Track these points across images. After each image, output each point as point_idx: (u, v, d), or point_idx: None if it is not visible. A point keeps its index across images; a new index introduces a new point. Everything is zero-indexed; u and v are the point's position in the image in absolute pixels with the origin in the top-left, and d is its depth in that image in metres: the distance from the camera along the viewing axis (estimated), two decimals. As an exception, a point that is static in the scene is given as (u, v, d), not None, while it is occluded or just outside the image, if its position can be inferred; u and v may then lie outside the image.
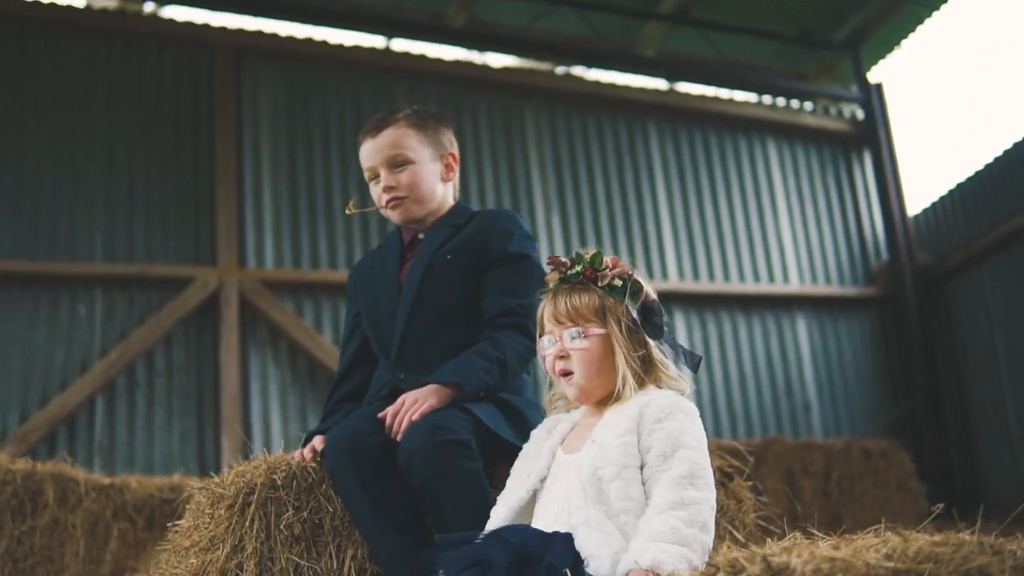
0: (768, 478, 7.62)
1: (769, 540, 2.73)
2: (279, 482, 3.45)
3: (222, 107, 9.49)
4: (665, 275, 10.67)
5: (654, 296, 3.33)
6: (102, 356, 8.67)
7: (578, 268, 3.30)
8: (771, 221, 11.28)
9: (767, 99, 11.89)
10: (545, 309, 3.35)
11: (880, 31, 11.59)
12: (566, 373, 3.28)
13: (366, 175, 3.89)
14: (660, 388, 3.22)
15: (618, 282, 3.25)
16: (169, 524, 3.87)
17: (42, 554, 5.76)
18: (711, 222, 11.05)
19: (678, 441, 3.04)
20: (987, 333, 10.54)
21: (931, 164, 15.56)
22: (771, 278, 11.05)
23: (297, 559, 3.40)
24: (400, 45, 10.49)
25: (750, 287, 10.79)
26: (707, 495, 2.97)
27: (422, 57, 10.44)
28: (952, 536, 2.23)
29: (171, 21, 9.64)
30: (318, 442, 3.65)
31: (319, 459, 3.56)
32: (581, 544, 2.94)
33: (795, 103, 11.98)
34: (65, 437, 8.43)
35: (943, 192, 11.35)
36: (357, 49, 10.22)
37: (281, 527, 3.40)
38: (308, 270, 9.43)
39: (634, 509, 2.98)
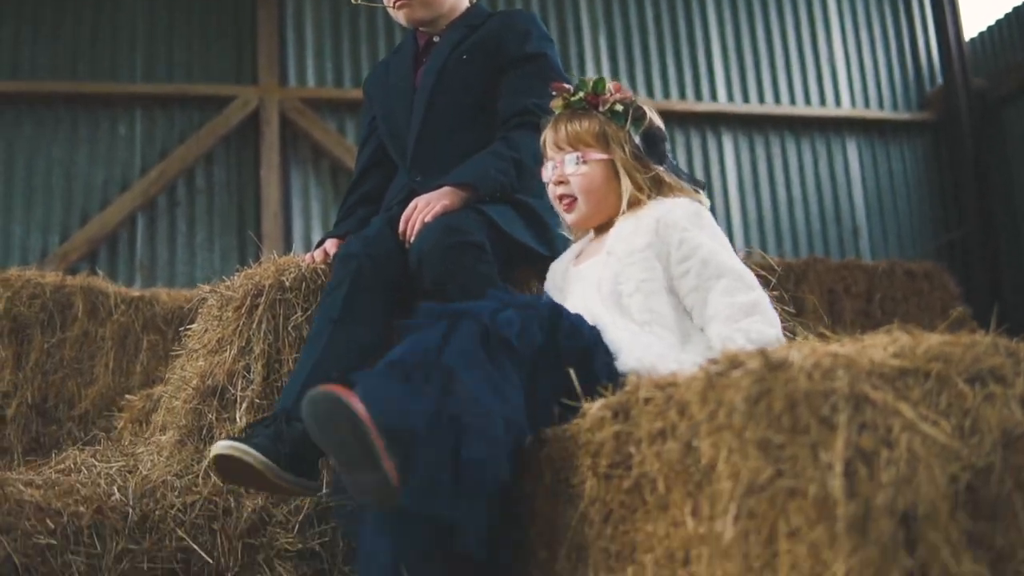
0: (808, 297, 7.48)
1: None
2: (288, 284, 3.41)
3: (263, -77, 9.27)
4: (714, 96, 10.44)
5: (659, 123, 3.29)
6: (142, 175, 8.66)
7: (580, 94, 3.25)
8: (824, 42, 10.95)
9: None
10: (547, 136, 3.31)
11: None
12: (565, 199, 3.22)
13: None
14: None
15: (620, 107, 3.22)
16: (182, 329, 3.85)
17: (72, 367, 5.79)
18: (762, 42, 10.75)
19: (711, 248, 2.98)
20: (1043, 159, 10.30)
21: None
22: (822, 101, 10.79)
23: (305, 360, 3.36)
24: None
25: (800, 109, 10.55)
26: (763, 295, 2.93)
27: None
28: (965, 336, 2.12)
29: None
30: (330, 245, 3.59)
31: (329, 262, 3.49)
32: (610, 340, 2.89)
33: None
34: (106, 256, 8.46)
35: (1000, 15, 10.96)
36: None
37: (289, 329, 3.36)
38: (350, 88, 9.29)
39: (658, 320, 2.93)
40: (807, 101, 10.72)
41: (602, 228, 3.28)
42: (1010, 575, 1.86)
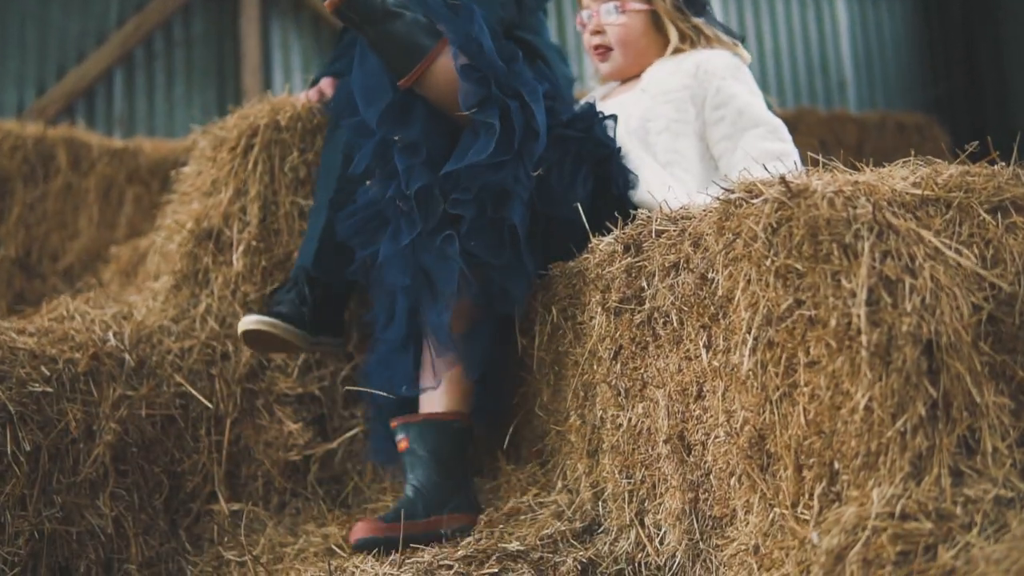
0: (799, 149, 7.36)
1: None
2: (283, 123, 3.32)
3: None
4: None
5: None
6: (118, 27, 8.43)
7: None
8: None
9: None
10: None
11: None
12: (601, 49, 3.16)
13: None
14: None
15: None
16: (173, 172, 3.77)
17: (55, 220, 5.69)
18: None
19: (748, 99, 2.95)
20: (1033, 11, 10.17)
21: None
22: (811, -50, 10.60)
23: (302, 201, 3.31)
24: None
25: (789, -40, 10.37)
26: (794, 148, 2.90)
27: None
28: (985, 167, 2.08)
29: None
30: (325, 84, 3.50)
31: (324, 102, 3.41)
32: (631, 168, 2.87)
33: None
34: (84, 110, 8.28)
35: None
36: None
37: (285, 170, 3.29)
38: (330, -62, 9.06)
39: (681, 163, 2.90)
40: (796, -48, 10.54)
41: (632, 78, 3.21)
42: (1031, 407, 1.84)
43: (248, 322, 2.92)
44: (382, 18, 2.70)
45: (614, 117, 2.92)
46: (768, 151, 2.85)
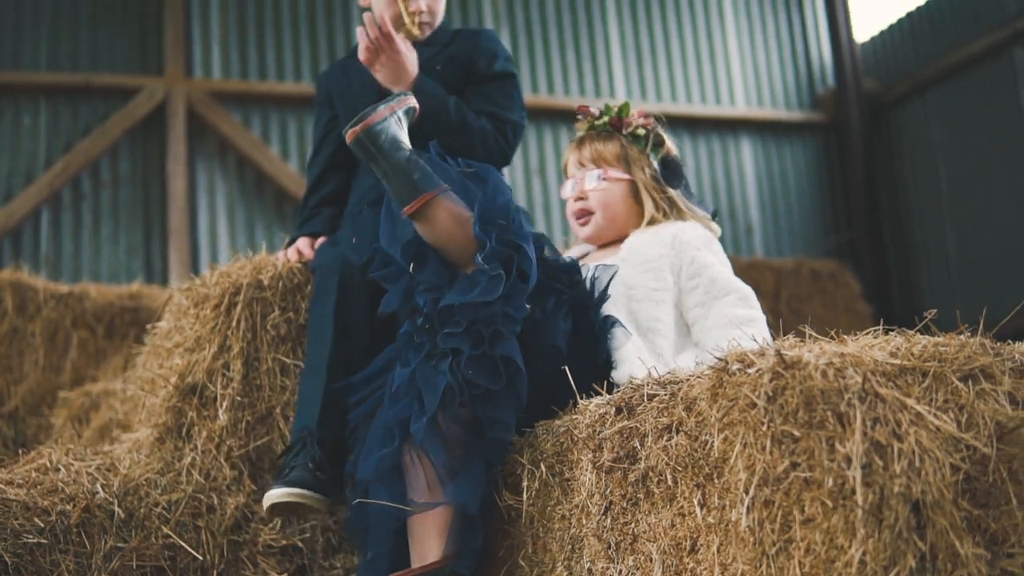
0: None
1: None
2: (265, 282, 3.46)
3: (167, -88, 9.21)
4: (612, 93, 10.60)
5: (675, 152, 3.53)
6: (47, 167, 8.53)
7: (605, 118, 3.48)
8: (719, 42, 11.19)
9: (720, -82, 11.71)
10: (570, 155, 3.57)
11: None
12: (583, 214, 3.39)
13: None
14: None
15: (641, 131, 3.43)
16: (148, 325, 3.88)
17: (1, 363, 5.74)
18: (660, 41, 10.94)
19: (719, 269, 3.17)
20: (931, 162, 10.61)
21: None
22: (718, 100, 11.01)
23: (283, 358, 3.43)
24: None
25: (697, 108, 10.74)
26: (762, 316, 3.11)
27: None
28: (954, 337, 2.29)
29: None
30: (303, 245, 3.66)
31: (303, 262, 3.57)
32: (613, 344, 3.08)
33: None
34: (10, 249, 8.33)
35: (892, 20, 11.30)
36: None
37: (267, 327, 3.42)
38: (256, 81, 9.27)
39: (662, 330, 3.10)
40: (703, 100, 10.94)
41: (608, 244, 3.43)
42: (1003, 558, 2.03)
43: (275, 495, 3.04)
44: (395, 151, 2.98)
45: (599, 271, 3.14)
46: (739, 317, 3.06)
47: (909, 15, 11.02)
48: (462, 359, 2.79)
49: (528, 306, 2.89)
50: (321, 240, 3.68)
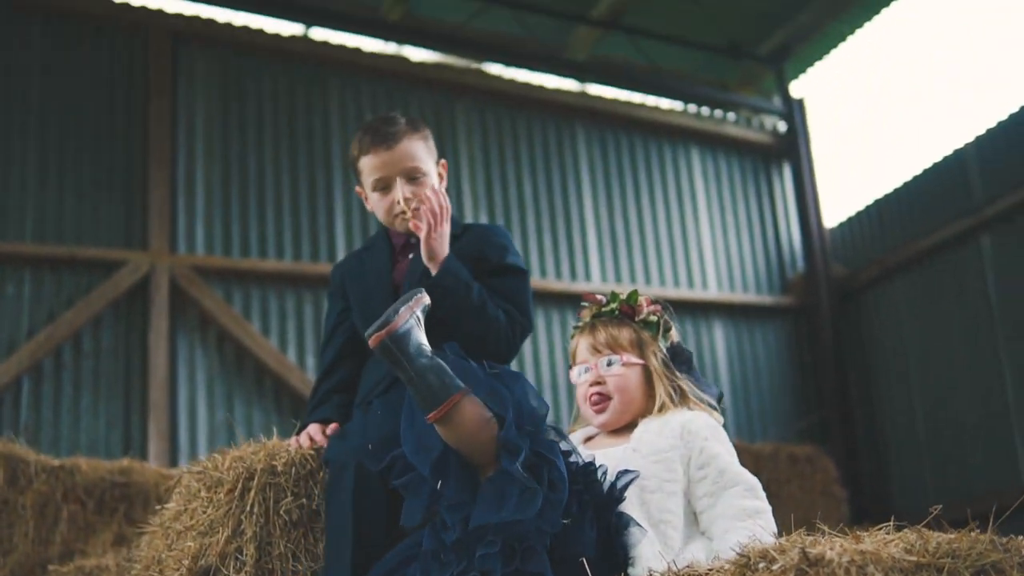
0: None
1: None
2: (279, 468, 3.53)
3: (158, 92, 9.43)
4: (588, 277, 10.84)
5: (678, 337, 3.64)
6: (29, 338, 8.59)
7: (614, 305, 3.57)
8: (692, 228, 11.50)
9: (692, 108, 12.10)
10: (581, 341, 3.61)
11: (803, 46, 11.87)
12: (601, 399, 3.47)
13: (371, 185, 3.94)
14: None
15: (653, 318, 3.53)
16: (157, 507, 3.92)
17: (-9, 535, 5.74)
18: (634, 226, 11.23)
19: (728, 460, 3.27)
20: (899, 346, 10.85)
21: (849, 179, 15.93)
22: (691, 284, 11.28)
23: (294, 546, 3.48)
24: (336, 38, 10.48)
25: (670, 292, 10.97)
26: (768, 506, 3.20)
27: (357, 51, 10.47)
28: (965, 535, 2.39)
29: (108, 1, 9.53)
30: (314, 431, 3.74)
31: (315, 448, 3.65)
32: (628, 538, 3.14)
33: (719, 113, 12.21)
34: (-11, 419, 8.36)
35: (860, 207, 11.65)
36: (293, 40, 10.24)
37: (280, 512, 3.47)
38: (238, 258, 9.42)
39: (673, 521, 3.17)
40: (676, 284, 11.19)
41: (618, 429, 3.52)
42: None
43: None
44: (419, 356, 3.04)
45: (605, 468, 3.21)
46: (745, 509, 3.14)
47: (877, 202, 11.37)
48: None
49: (564, 521, 2.95)
50: (333, 427, 3.76)
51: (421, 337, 3.13)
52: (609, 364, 3.48)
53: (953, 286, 10.37)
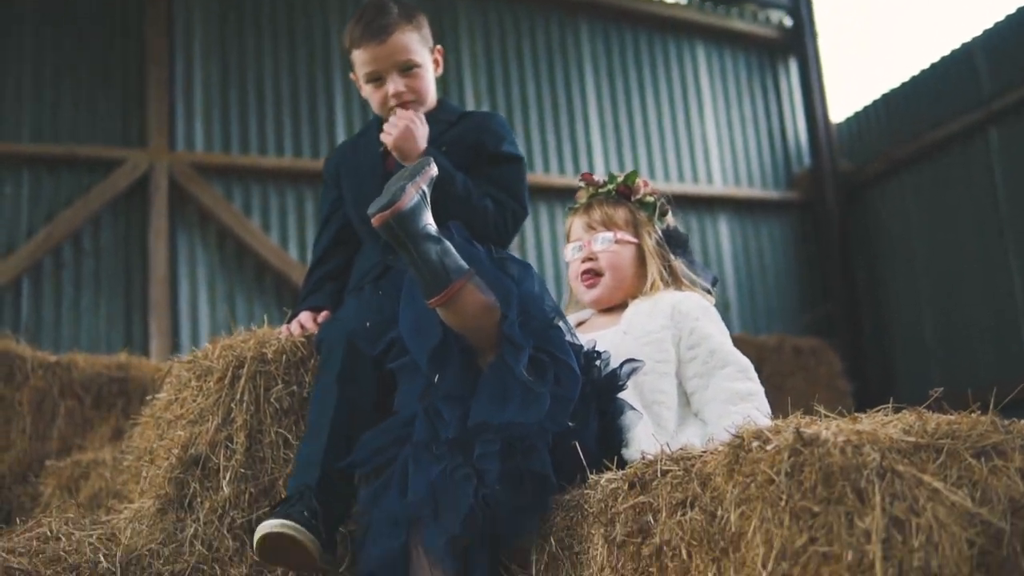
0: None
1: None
2: (269, 356, 3.47)
3: (154, -14, 9.30)
4: (592, 171, 10.69)
5: (675, 222, 3.59)
6: (28, 238, 8.54)
7: (611, 186, 3.54)
8: (697, 123, 11.36)
9: (697, 1, 11.88)
10: (576, 220, 3.59)
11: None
12: (591, 276, 3.42)
13: (364, 77, 3.85)
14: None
15: (650, 199, 3.49)
16: (148, 397, 3.88)
17: (-12, 431, 5.72)
18: (639, 121, 11.09)
19: (720, 340, 3.21)
20: (906, 241, 10.75)
21: (857, 73, 15.73)
22: (695, 179, 11.16)
23: (286, 432, 3.44)
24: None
25: (675, 187, 10.86)
26: (761, 388, 3.14)
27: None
28: (965, 416, 2.33)
29: None
30: (305, 319, 3.68)
31: (307, 335, 3.59)
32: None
33: (724, 7, 12.00)
34: (-10, 317, 8.33)
35: (867, 102, 11.49)
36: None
37: (271, 400, 3.43)
38: (238, 155, 9.33)
39: (666, 402, 3.12)
40: (681, 179, 11.07)
41: (610, 309, 3.46)
42: (1016, 633, 2.07)
43: (271, 525, 2.97)
44: (424, 239, 2.91)
45: (608, 355, 3.14)
46: (738, 391, 3.09)
47: (884, 96, 11.20)
48: (490, 476, 2.77)
49: (570, 424, 2.88)
50: (324, 315, 3.70)
51: (427, 216, 2.99)
52: (604, 242, 3.43)
53: (960, 180, 10.25)
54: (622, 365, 3.09)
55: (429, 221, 2.98)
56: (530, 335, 2.90)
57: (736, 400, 3.05)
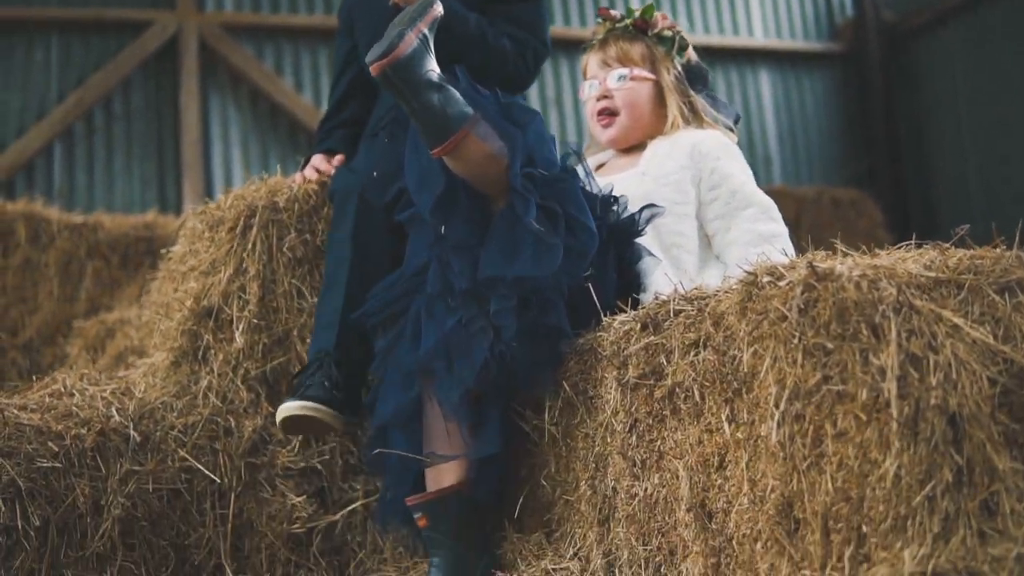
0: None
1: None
2: (281, 204, 3.41)
3: None
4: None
5: (696, 58, 3.43)
6: (59, 102, 8.46)
7: (628, 20, 3.36)
8: (737, -28, 11.05)
9: None
10: (592, 56, 3.42)
11: None
12: (606, 114, 3.29)
13: None
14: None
15: (667, 33, 3.34)
16: (163, 251, 3.84)
17: (15, 295, 5.71)
18: (677, -30, 10.81)
19: (742, 179, 3.09)
20: (951, 93, 10.46)
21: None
22: (736, 30, 10.87)
23: (299, 282, 3.39)
24: None
25: (715, 39, 10.58)
26: (785, 228, 3.03)
27: None
28: (989, 250, 2.23)
29: None
30: (318, 160, 3.60)
31: (320, 180, 3.51)
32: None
33: None
34: (24, 184, 8.28)
35: (913, -51, 11.14)
36: None
37: (284, 249, 3.37)
38: (268, 14, 9.17)
39: (686, 245, 3.02)
40: (720, 30, 10.79)
41: (629, 149, 3.35)
42: (1039, 473, 1.98)
43: (291, 408, 3.02)
44: (425, 88, 2.76)
45: (626, 199, 3.03)
46: (761, 233, 2.99)
47: (929, -56, 10.85)
48: (507, 333, 2.70)
49: (586, 274, 2.78)
50: (338, 158, 3.60)
51: (429, 62, 2.82)
52: (619, 79, 3.29)
53: (1007, 31, 9.93)
54: (641, 210, 2.99)
55: (431, 67, 2.81)
56: (538, 184, 2.78)
57: (759, 242, 2.95)
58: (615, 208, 2.99)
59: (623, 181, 3.13)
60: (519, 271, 2.68)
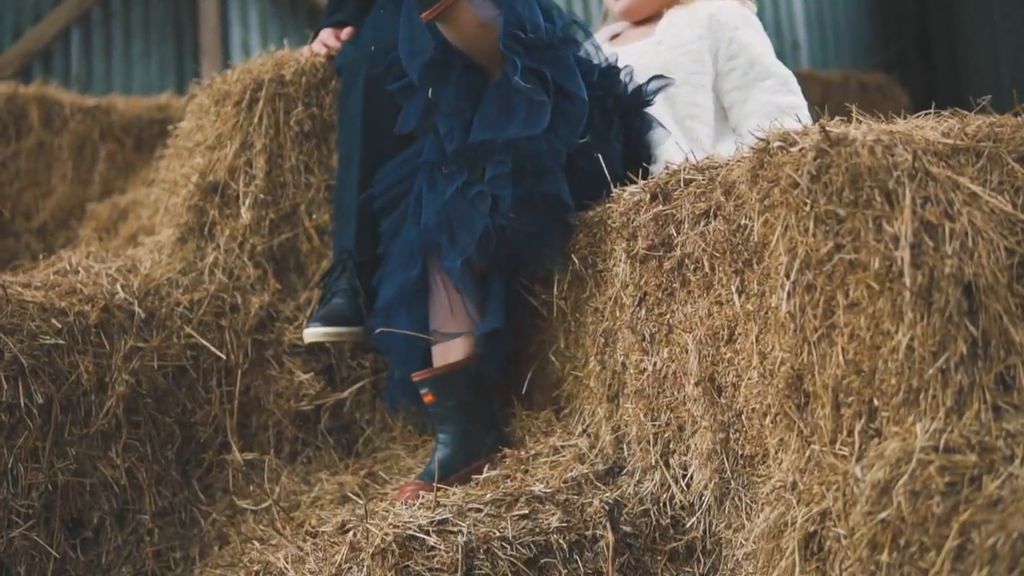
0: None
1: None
2: (288, 78, 3.33)
3: None
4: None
5: None
6: (76, -15, 8.36)
7: None
8: None
9: None
10: None
11: None
12: None
13: None
14: None
15: None
16: (170, 127, 3.77)
17: (28, 178, 5.65)
18: None
19: (761, 50, 3.00)
20: (982, -27, 10.26)
21: None
22: (764, -95, 10.64)
23: (306, 157, 3.32)
24: None
25: (743, -80, 10.37)
26: (804, 100, 2.95)
27: None
28: (1009, 118, 2.15)
29: None
30: (327, 35, 3.51)
31: (329, 54, 3.42)
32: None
33: None
34: (40, 70, 8.20)
35: None
36: None
37: (291, 123, 3.30)
38: None
39: (701, 116, 2.93)
40: (748, -93, 10.57)
41: (645, 20, 3.24)
42: (1058, 346, 1.92)
43: (314, 335, 3.02)
44: None
45: (631, 69, 2.94)
46: (779, 105, 2.91)
47: None
48: (504, 203, 2.63)
49: (581, 139, 2.70)
50: (347, 31, 3.51)
51: None
52: None
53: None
54: (650, 80, 2.90)
55: None
56: (527, 47, 2.69)
57: (777, 114, 2.86)
58: (622, 79, 2.90)
59: (637, 51, 3.04)
60: (511, 133, 2.61)
